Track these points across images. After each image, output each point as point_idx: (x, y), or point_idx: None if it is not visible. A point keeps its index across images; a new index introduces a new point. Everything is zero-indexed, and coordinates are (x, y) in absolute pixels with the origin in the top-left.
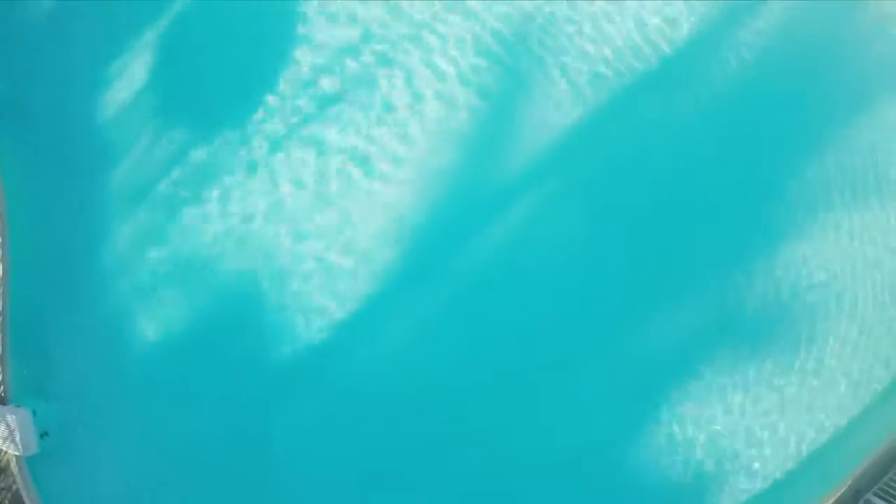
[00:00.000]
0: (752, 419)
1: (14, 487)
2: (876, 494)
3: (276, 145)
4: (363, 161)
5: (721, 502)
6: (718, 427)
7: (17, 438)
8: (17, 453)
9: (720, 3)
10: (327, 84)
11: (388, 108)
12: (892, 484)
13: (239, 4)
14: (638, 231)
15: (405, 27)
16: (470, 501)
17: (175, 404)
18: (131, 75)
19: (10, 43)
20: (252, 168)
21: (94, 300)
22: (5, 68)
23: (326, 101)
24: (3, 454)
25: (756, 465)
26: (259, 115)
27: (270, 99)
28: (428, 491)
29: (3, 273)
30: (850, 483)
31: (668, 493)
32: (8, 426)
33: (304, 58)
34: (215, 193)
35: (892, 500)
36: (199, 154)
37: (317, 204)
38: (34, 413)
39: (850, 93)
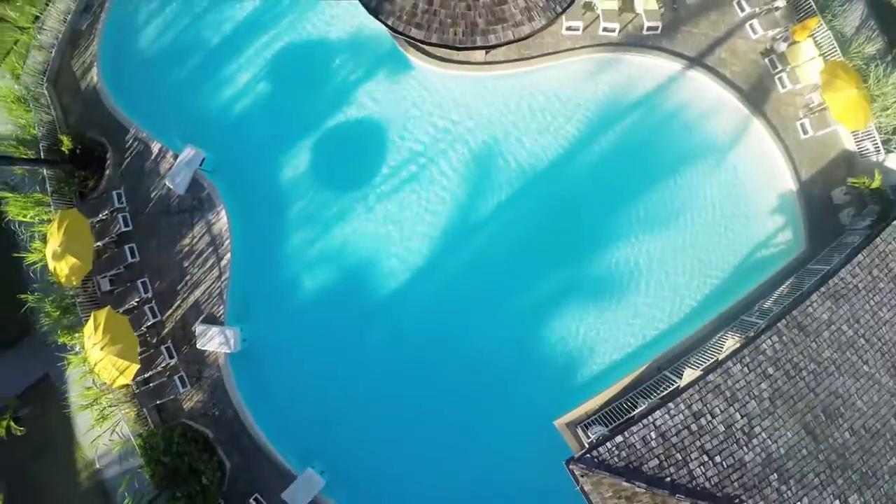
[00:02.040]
0: (605, 324)
1: (216, 375)
2: (670, 371)
3: (383, 195)
4: (420, 201)
5: (590, 363)
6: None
7: (231, 343)
8: (228, 351)
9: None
10: (412, 167)
11: (410, 182)
12: (681, 366)
13: (361, 125)
14: (561, 225)
15: (443, 144)
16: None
17: (321, 323)
18: (302, 148)
19: (217, 125)
20: (372, 202)
21: (278, 268)
22: (214, 142)
23: (408, 177)
24: (213, 354)
25: (601, 345)
26: (375, 180)
27: (381, 173)
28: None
29: (229, 256)
30: (652, 363)
31: (565, 353)
32: (226, 336)
33: (393, 157)
34: (355, 211)
35: (678, 375)
36: (344, 195)
37: (399, 218)
38: (241, 329)
39: (679, 158)
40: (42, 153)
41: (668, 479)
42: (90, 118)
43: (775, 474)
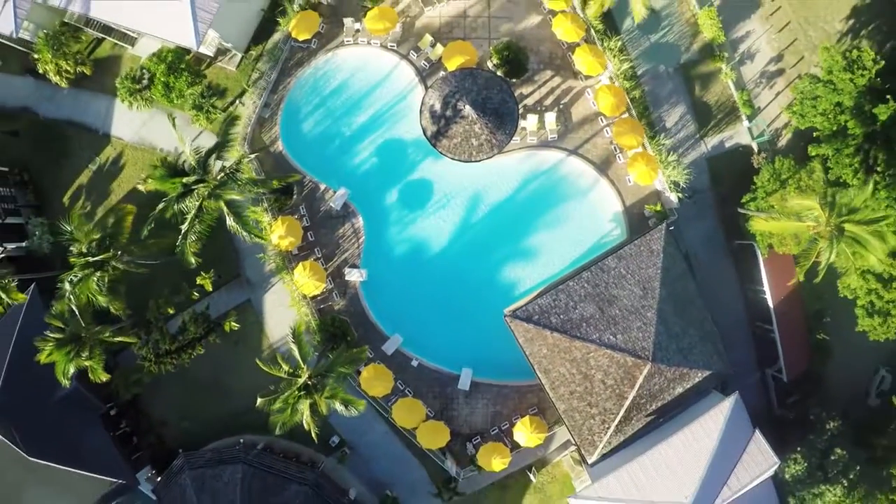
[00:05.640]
0: (529, 270)
1: (353, 293)
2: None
3: (431, 211)
4: (443, 216)
5: (521, 285)
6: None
7: (364, 276)
8: (361, 280)
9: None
10: (443, 199)
11: (444, 206)
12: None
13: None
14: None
15: (454, 191)
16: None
17: (405, 265)
18: (395, 189)
19: (355, 175)
20: (426, 214)
21: (385, 241)
22: (354, 184)
23: (442, 203)
24: (353, 282)
25: (526, 278)
26: (427, 205)
27: (430, 202)
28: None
29: (363, 238)
30: (549, 285)
31: (512, 281)
32: (360, 273)
33: (435, 195)
34: (418, 218)
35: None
36: (413, 210)
37: (433, 221)
38: (367, 269)
39: (561, 199)
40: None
41: (543, 321)
42: (278, 169)
43: (584, 323)
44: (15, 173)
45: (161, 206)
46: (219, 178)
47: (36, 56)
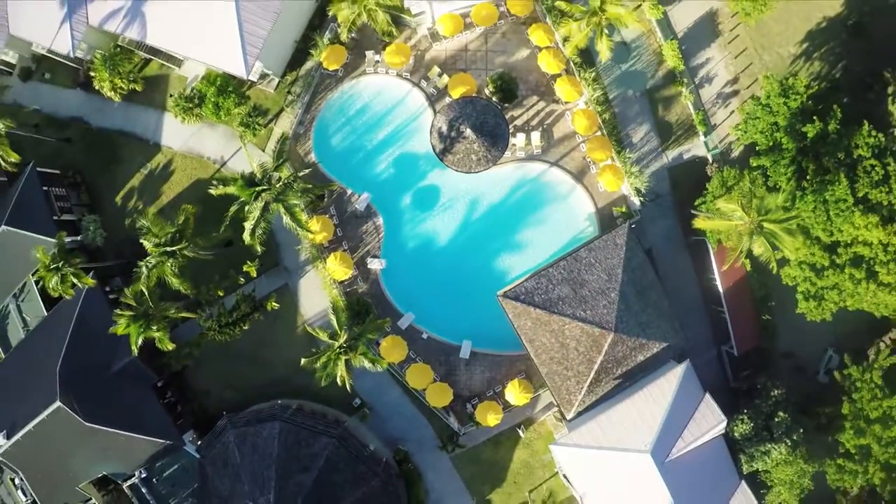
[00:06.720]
0: (518, 260)
1: (374, 278)
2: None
3: (438, 211)
4: (448, 216)
5: (511, 272)
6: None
7: (383, 264)
8: (381, 268)
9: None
10: (448, 202)
11: (449, 208)
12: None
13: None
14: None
15: (456, 195)
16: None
17: (416, 255)
18: (407, 193)
19: (376, 181)
20: (433, 214)
21: (401, 236)
22: (376, 189)
23: (447, 206)
24: (374, 270)
25: (516, 266)
26: (435, 206)
27: (436, 205)
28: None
29: (382, 233)
30: (534, 273)
31: (504, 269)
32: (381, 262)
33: (440, 199)
34: (427, 217)
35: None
36: (424, 211)
37: (440, 220)
38: (386, 259)
39: (544, 202)
40: None
41: (528, 300)
42: (311, 176)
43: (561, 301)
44: (69, 175)
45: (235, 207)
46: (278, 186)
47: (92, 74)
